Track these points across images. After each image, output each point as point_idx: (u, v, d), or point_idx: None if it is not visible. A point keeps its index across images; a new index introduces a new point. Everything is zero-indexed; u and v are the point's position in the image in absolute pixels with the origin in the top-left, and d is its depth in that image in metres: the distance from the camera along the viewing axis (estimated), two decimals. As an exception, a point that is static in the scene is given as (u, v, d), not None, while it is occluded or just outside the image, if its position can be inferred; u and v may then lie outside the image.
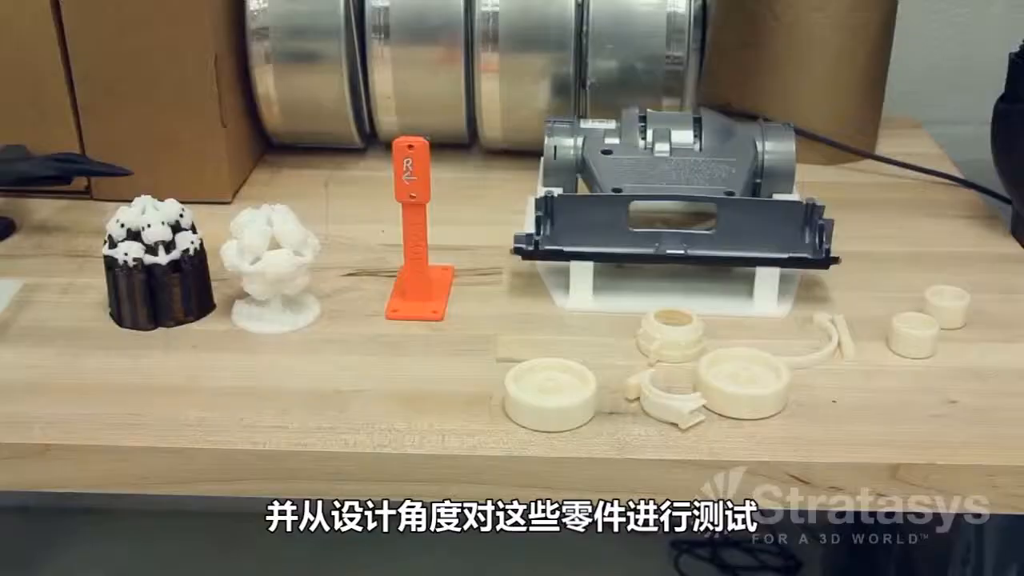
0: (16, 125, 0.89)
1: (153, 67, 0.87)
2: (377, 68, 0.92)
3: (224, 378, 0.69)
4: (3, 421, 0.65)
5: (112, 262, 0.73)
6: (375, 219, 0.89)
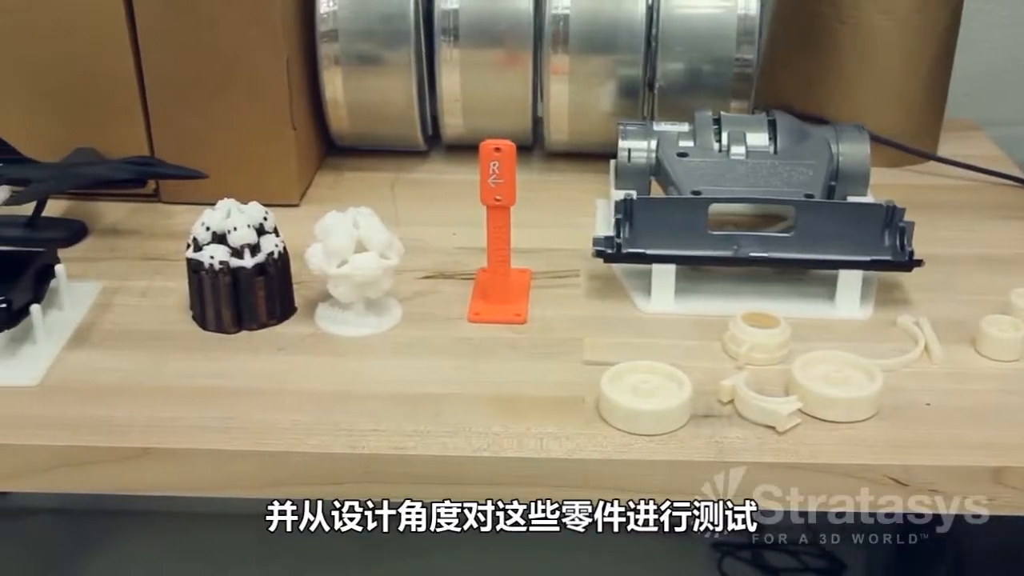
0: (87, 128, 0.89)
1: (225, 69, 0.87)
2: (445, 70, 0.92)
3: (313, 381, 0.69)
4: (99, 424, 0.65)
5: (197, 265, 0.73)
6: (445, 221, 0.89)
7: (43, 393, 0.68)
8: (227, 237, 0.73)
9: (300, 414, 0.65)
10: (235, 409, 0.66)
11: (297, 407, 0.66)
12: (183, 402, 0.67)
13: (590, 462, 0.62)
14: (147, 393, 0.68)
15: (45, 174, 0.84)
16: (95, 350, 0.72)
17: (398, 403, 0.67)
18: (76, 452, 0.63)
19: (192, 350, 0.72)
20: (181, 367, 0.70)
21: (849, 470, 0.62)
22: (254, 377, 0.70)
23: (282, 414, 0.65)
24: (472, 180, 0.98)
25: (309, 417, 0.65)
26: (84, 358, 0.71)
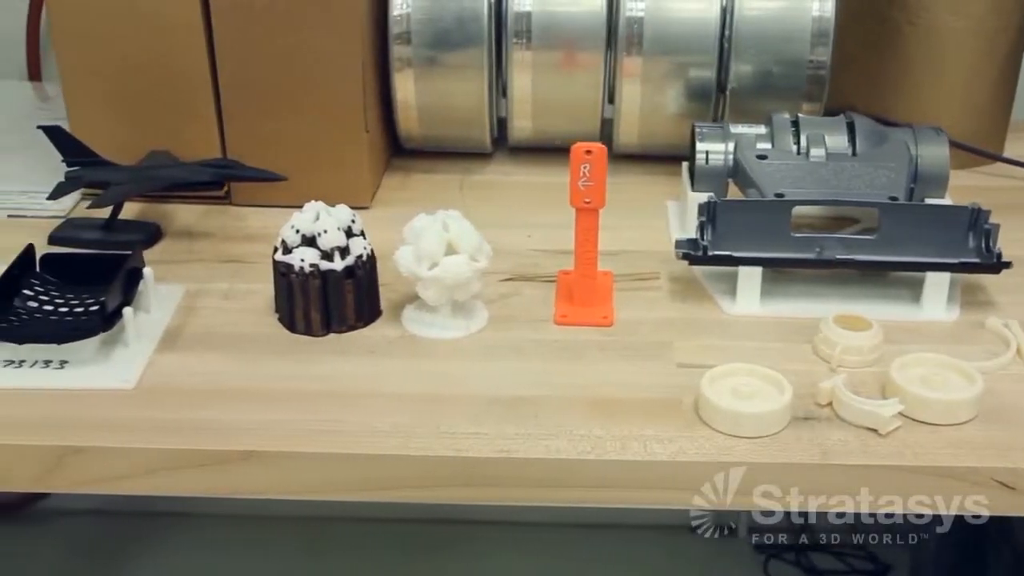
0: (161, 131, 0.89)
1: (300, 72, 0.87)
2: (517, 72, 0.92)
3: (407, 384, 0.69)
4: (200, 427, 0.65)
5: (286, 268, 0.73)
6: (517, 223, 0.89)
7: (139, 396, 0.68)
8: (317, 240, 0.73)
9: (399, 417, 0.65)
10: (334, 412, 0.66)
11: (395, 410, 0.66)
12: (281, 405, 0.67)
13: (695, 465, 0.62)
14: (243, 396, 0.68)
15: (124, 177, 0.84)
16: (185, 353, 0.72)
17: (495, 406, 0.67)
18: (179, 455, 0.63)
19: (282, 353, 0.72)
20: (274, 370, 0.70)
21: (955, 473, 0.62)
22: (348, 380, 0.69)
23: (381, 417, 0.65)
24: (539, 182, 1.00)
25: (408, 420, 0.65)
26: (176, 361, 0.71)
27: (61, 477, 0.64)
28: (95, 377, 0.69)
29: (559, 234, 0.87)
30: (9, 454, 0.64)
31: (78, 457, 0.64)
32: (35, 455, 0.64)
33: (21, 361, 0.70)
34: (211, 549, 1.59)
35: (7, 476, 0.64)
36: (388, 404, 0.67)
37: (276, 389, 0.68)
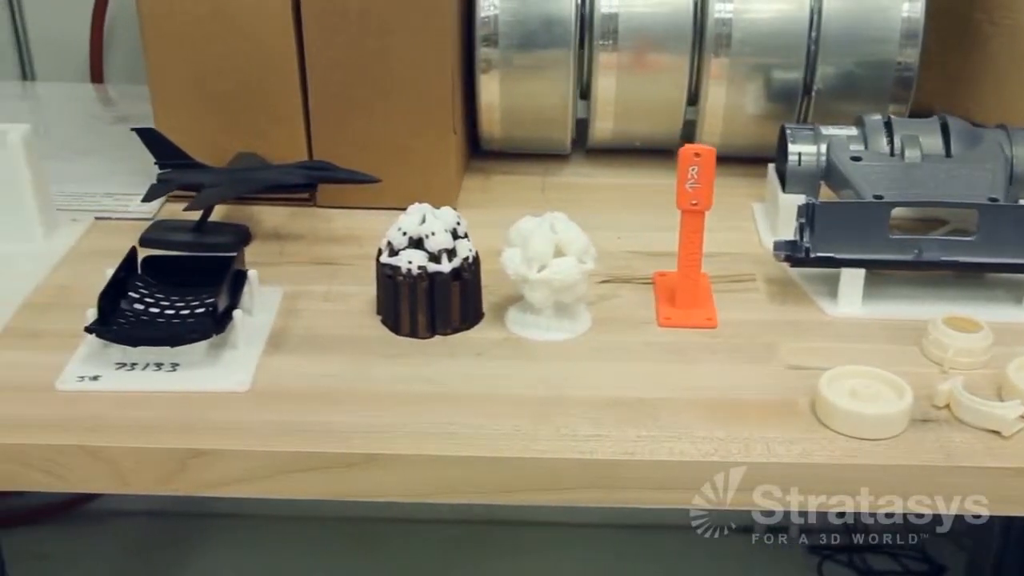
0: (248, 133, 0.89)
1: (390, 74, 0.87)
2: (602, 74, 0.92)
3: (520, 387, 0.69)
4: (320, 430, 0.65)
5: (393, 270, 0.73)
6: (604, 225, 0.88)
7: (255, 398, 0.68)
8: (424, 242, 0.73)
9: (518, 419, 0.65)
10: (451, 415, 0.66)
11: (512, 412, 0.66)
12: (397, 408, 0.67)
13: (821, 466, 0.62)
14: (358, 399, 0.68)
15: (217, 179, 0.84)
16: (293, 355, 0.72)
17: (612, 408, 0.67)
18: (303, 458, 0.63)
19: (391, 355, 0.72)
20: (385, 372, 0.70)
21: (1080, 475, 0.62)
22: (460, 382, 0.69)
23: (500, 420, 0.65)
24: (618, 183, 1.00)
25: (528, 422, 0.65)
26: (285, 363, 0.71)
27: (184, 480, 0.64)
28: (209, 380, 0.69)
29: (646, 236, 0.87)
30: (133, 457, 0.64)
31: (201, 460, 0.64)
32: (159, 458, 0.64)
33: (133, 364, 0.70)
34: (261, 550, 1.59)
35: (131, 479, 0.64)
36: (504, 406, 0.67)
37: (389, 392, 0.68)
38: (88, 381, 0.69)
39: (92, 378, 0.69)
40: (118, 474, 0.64)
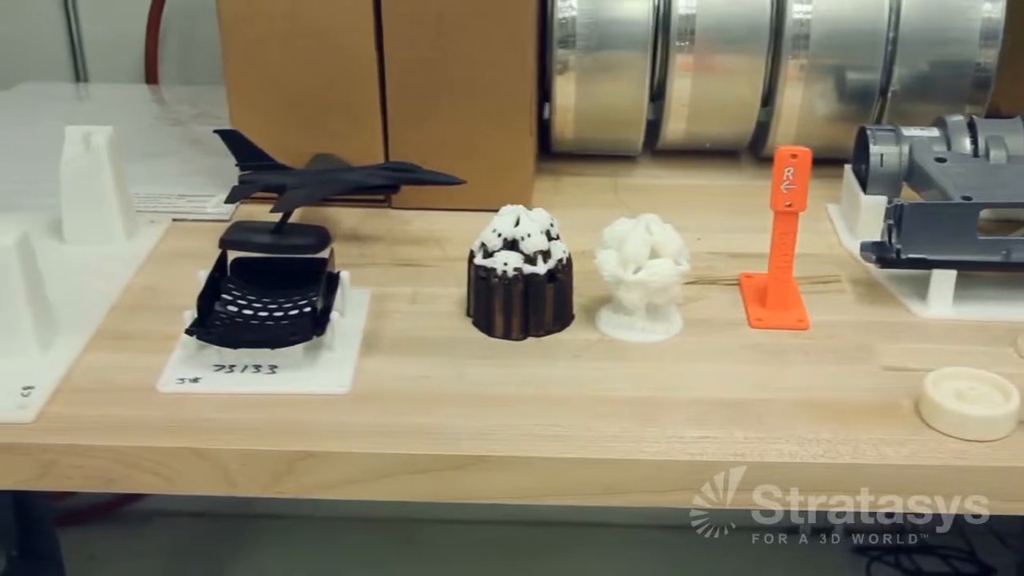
0: (324, 134, 0.89)
1: (469, 75, 0.87)
2: (677, 75, 0.92)
3: (621, 388, 0.69)
4: (426, 432, 0.65)
5: (487, 272, 0.73)
6: (681, 227, 0.87)
7: (356, 400, 0.68)
8: (519, 244, 0.73)
9: (623, 421, 0.65)
10: (556, 417, 0.66)
11: (616, 414, 0.66)
12: (500, 410, 0.67)
13: (932, 468, 0.62)
14: (459, 401, 0.68)
15: (300, 181, 0.84)
16: (389, 357, 0.72)
17: (715, 409, 0.67)
18: (413, 460, 0.63)
19: (487, 357, 0.72)
20: (483, 374, 0.70)
21: None
22: (559, 384, 0.69)
23: (604, 421, 0.65)
24: (688, 184, 1.00)
25: (633, 424, 0.65)
26: (381, 365, 0.71)
27: (292, 483, 0.64)
28: (309, 382, 0.69)
29: (725, 237, 0.87)
30: (240, 459, 0.64)
31: (308, 463, 0.64)
32: (267, 461, 0.64)
33: (231, 366, 0.70)
34: (307, 551, 1.59)
35: (238, 481, 0.64)
36: (606, 408, 0.67)
37: (489, 394, 0.68)
38: (188, 383, 0.69)
39: (192, 380, 0.69)
40: (226, 477, 0.64)
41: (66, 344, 0.72)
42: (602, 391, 0.69)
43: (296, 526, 1.60)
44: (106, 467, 0.64)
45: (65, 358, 0.71)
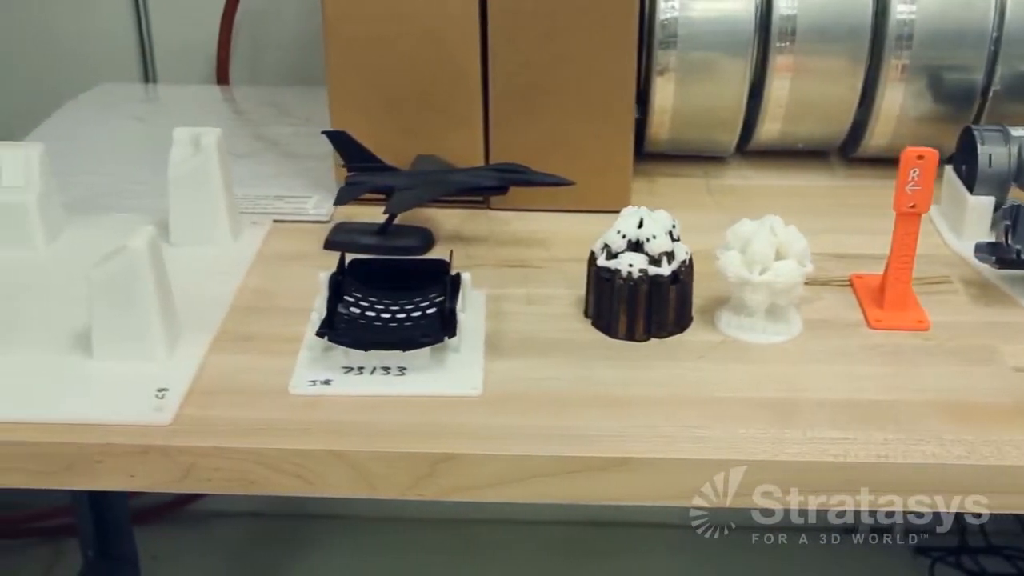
0: (425, 135, 0.89)
1: (572, 77, 0.87)
2: (776, 76, 0.91)
3: (750, 389, 0.69)
4: (564, 434, 0.65)
5: (610, 273, 0.73)
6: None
7: (489, 402, 0.68)
8: (644, 245, 0.73)
9: (762, 422, 0.65)
10: (692, 418, 0.66)
11: (753, 415, 0.66)
12: (636, 411, 0.67)
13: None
14: (591, 402, 0.67)
15: (410, 182, 0.84)
16: (514, 359, 0.72)
17: (849, 410, 0.67)
18: (555, 462, 0.63)
19: (612, 358, 0.72)
20: (612, 376, 0.70)
21: None
22: (689, 385, 0.69)
23: (744, 422, 0.65)
24: (781, 185, 0.99)
25: (772, 425, 0.65)
26: (508, 367, 0.71)
27: (432, 485, 0.64)
28: (441, 384, 0.69)
29: (829, 238, 0.87)
30: (382, 462, 0.64)
31: (449, 465, 0.64)
32: (408, 463, 0.64)
33: (360, 368, 0.70)
34: (362, 551, 1.59)
35: (378, 484, 0.64)
36: (740, 409, 0.67)
37: (621, 395, 0.68)
38: (320, 385, 0.69)
39: (324, 382, 0.69)
40: (366, 479, 0.64)
41: (191, 346, 0.72)
42: (732, 392, 0.69)
43: (352, 526, 1.60)
44: (246, 469, 0.64)
45: (193, 360, 0.71)
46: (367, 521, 1.61)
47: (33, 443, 0.64)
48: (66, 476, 0.65)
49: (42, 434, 0.65)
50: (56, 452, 0.64)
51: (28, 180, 0.83)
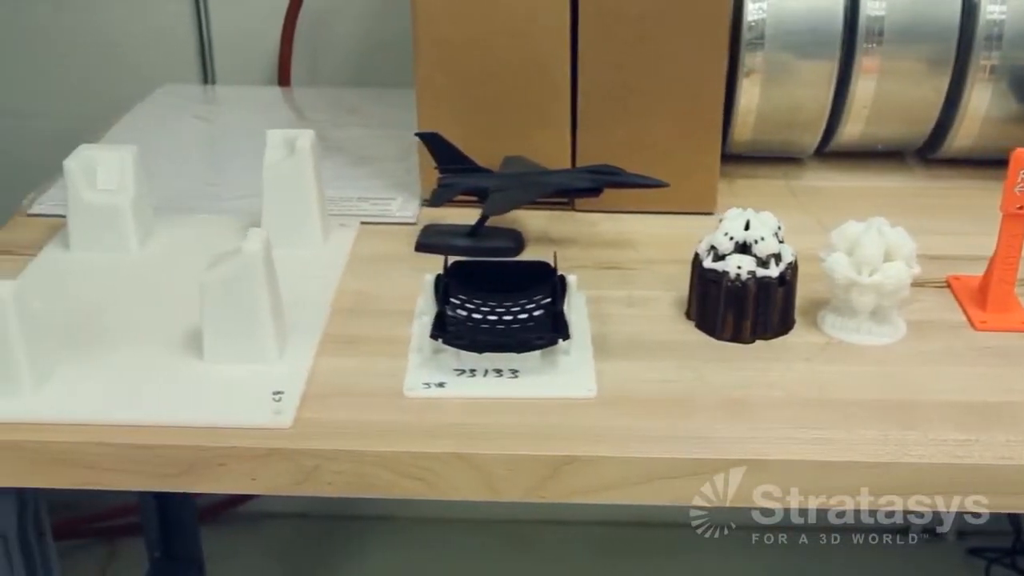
0: (512, 136, 0.89)
1: (661, 79, 0.87)
2: (862, 77, 0.91)
3: (862, 391, 0.69)
4: (685, 436, 0.65)
5: (717, 276, 0.73)
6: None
7: (605, 404, 0.68)
8: (752, 247, 0.73)
9: (881, 425, 0.65)
10: (812, 419, 0.66)
11: (870, 418, 0.66)
12: (755, 412, 0.67)
13: None
14: (711, 404, 0.68)
15: (503, 183, 0.84)
16: (623, 360, 0.72)
17: (967, 412, 0.67)
18: (680, 464, 0.63)
19: (721, 360, 0.72)
20: (724, 378, 0.70)
21: None
22: (802, 387, 0.69)
23: (864, 425, 0.65)
24: (860, 187, 0.99)
25: (893, 428, 0.65)
26: (618, 368, 0.71)
27: (554, 487, 0.64)
28: (555, 386, 0.69)
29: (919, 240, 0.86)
30: (505, 464, 0.64)
31: (573, 468, 0.64)
32: (532, 465, 0.64)
33: (472, 370, 0.70)
34: (412, 552, 1.59)
35: (500, 487, 0.64)
36: (857, 411, 0.67)
37: (738, 397, 0.68)
38: (435, 388, 0.69)
39: (438, 384, 0.69)
40: (488, 482, 0.64)
41: (299, 349, 0.72)
42: (846, 394, 0.69)
43: (400, 527, 1.60)
44: (370, 473, 0.64)
45: (303, 363, 0.71)
46: (415, 522, 1.61)
47: (154, 446, 0.64)
48: (187, 479, 0.65)
49: (163, 437, 0.64)
50: (177, 455, 0.64)
51: (123, 183, 0.83)
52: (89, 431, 0.65)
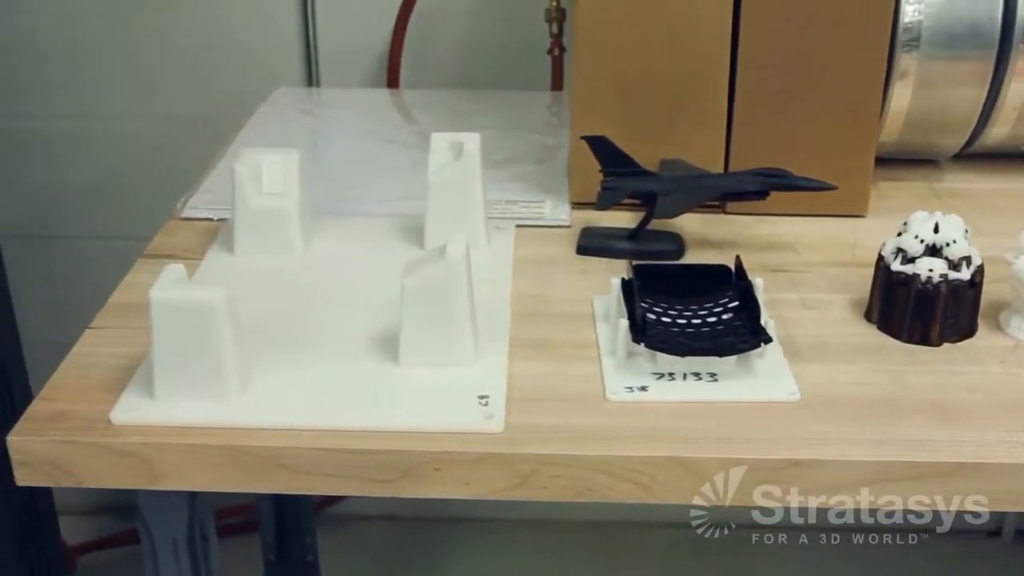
0: (666, 138, 0.89)
1: (820, 81, 0.87)
2: (1015, 79, 0.91)
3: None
4: (901, 439, 0.65)
5: (907, 278, 0.73)
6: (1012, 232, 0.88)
7: (809, 407, 0.68)
8: (943, 250, 0.73)
9: (1091, 427, 0.65)
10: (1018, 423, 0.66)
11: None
12: (963, 416, 0.67)
13: None
14: (917, 408, 0.67)
15: (670, 186, 0.84)
16: (815, 363, 0.72)
17: None
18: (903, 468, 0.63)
19: (914, 363, 0.72)
20: (925, 380, 0.70)
21: None
22: (1007, 390, 0.69)
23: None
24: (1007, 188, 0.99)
25: (1103, 430, 0.65)
26: (813, 371, 0.71)
27: (773, 490, 0.64)
28: (758, 390, 0.69)
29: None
30: (723, 468, 0.63)
31: (794, 471, 0.63)
32: (750, 469, 0.63)
33: (670, 374, 0.70)
34: (502, 553, 1.59)
35: (715, 491, 0.64)
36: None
37: (943, 400, 0.68)
38: (637, 391, 0.69)
39: (640, 388, 0.69)
40: (702, 484, 0.64)
41: (493, 353, 0.72)
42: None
43: (489, 529, 1.60)
44: (586, 477, 0.64)
45: (499, 366, 0.71)
46: (502, 523, 1.61)
47: (368, 451, 0.64)
48: (402, 484, 0.65)
49: (373, 442, 0.64)
50: (391, 460, 0.64)
51: (288, 186, 0.83)
52: (300, 436, 0.65)
